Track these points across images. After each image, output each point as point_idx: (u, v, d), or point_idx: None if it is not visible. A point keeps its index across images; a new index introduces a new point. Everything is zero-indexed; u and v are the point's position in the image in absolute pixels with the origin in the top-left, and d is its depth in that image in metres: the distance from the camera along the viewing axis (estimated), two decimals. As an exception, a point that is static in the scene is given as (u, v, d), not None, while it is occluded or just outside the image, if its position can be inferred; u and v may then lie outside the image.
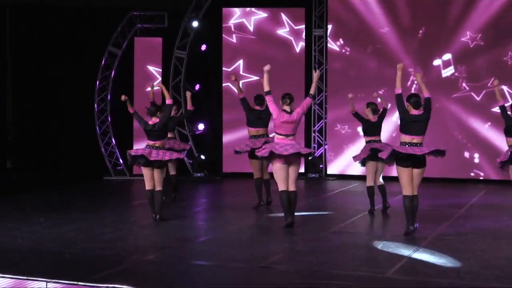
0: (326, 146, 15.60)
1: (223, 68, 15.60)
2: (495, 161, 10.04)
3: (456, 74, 14.72)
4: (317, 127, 15.76)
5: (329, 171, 15.50)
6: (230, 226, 9.26)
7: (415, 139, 8.31)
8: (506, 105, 9.73)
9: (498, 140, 14.31)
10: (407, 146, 8.22)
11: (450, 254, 7.42)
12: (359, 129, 15.18)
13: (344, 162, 15.34)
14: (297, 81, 15.53)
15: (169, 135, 10.78)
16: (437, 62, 14.86)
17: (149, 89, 11.28)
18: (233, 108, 15.51)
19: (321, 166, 15.53)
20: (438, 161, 14.26)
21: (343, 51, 15.43)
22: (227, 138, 15.64)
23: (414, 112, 8.41)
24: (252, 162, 10.67)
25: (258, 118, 10.72)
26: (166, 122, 9.29)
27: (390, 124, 15.06)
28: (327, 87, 15.56)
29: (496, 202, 11.30)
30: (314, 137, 15.71)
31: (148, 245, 8.04)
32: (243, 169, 15.27)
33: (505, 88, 14.23)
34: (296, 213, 8.96)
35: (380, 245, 7.90)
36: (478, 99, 14.52)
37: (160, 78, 15.43)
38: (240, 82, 11.40)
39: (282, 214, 9.43)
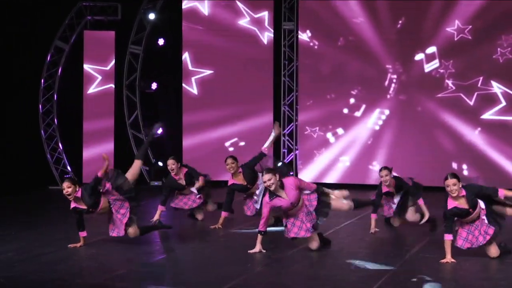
0: (296, 152, 15.53)
1: (191, 68, 15.44)
2: (485, 173, 10.01)
3: (441, 70, 14.63)
4: (287, 130, 15.68)
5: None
6: (189, 243, 9.11)
7: None
8: None
9: (489, 149, 14.30)
10: None
11: (429, 275, 7.35)
12: (339, 131, 15.14)
13: (317, 169, 15.28)
14: (265, 81, 15.44)
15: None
16: (419, 56, 14.77)
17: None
18: (194, 110, 15.39)
19: (291, 173, 15.41)
20: (423, 170, 14.35)
21: (311, 44, 15.35)
22: (187, 142, 15.49)
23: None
24: None
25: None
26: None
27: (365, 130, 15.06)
28: (298, 86, 15.49)
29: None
30: (284, 141, 15.63)
31: (95, 267, 7.85)
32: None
33: (496, 85, 14.23)
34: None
35: (355, 263, 7.81)
36: (468, 100, 14.43)
37: (100, 77, 15.23)
38: None
39: (246, 230, 9.31)
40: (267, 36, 15.43)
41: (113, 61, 15.32)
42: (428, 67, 14.71)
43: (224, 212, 10.26)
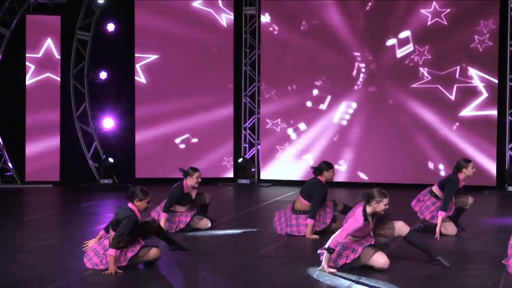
0: (259, 147, 15.44)
1: (136, 55, 15.23)
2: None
3: (415, 57, 14.56)
4: (249, 123, 15.59)
5: (263, 176, 15.35)
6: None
7: None
8: None
9: (467, 147, 14.22)
10: None
11: (397, 284, 7.30)
12: (301, 126, 15.08)
13: (280, 165, 15.20)
14: (224, 70, 15.32)
15: None
16: (391, 42, 14.69)
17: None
18: (148, 102, 15.21)
19: (253, 170, 15.36)
20: (394, 169, 14.34)
21: (271, 29, 15.23)
22: (140, 137, 15.30)
23: None
24: None
25: None
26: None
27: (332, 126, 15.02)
28: (260, 76, 15.38)
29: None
30: (245, 135, 15.54)
31: (34, 278, 7.67)
32: (159, 174, 15.00)
33: (475, 74, 14.20)
34: (219, 231, 8.75)
35: (315, 273, 7.74)
36: (447, 94, 14.33)
37: (43, 66, 14.98)
38: None
39: (203, 233, 9.25)
40: (226, 19, 15.27)
41: (59, 49, 15.03)
42: (400, 52, 14.61)
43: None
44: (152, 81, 15.25)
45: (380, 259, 7.80)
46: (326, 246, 7.70)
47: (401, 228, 7.91)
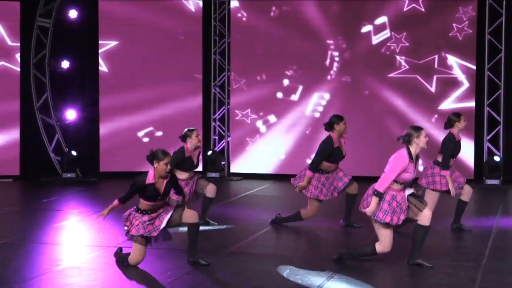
0: (229, 139, 15.33)
1: (100, 42, 15.04)
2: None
3: (392, 46, 14.45)
4: (218, 115, 15.48)
5: (233, 170, 15.25)
6: (102, 246, 8.84)
7: None
8: None
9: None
10: None
11: (371, 282, 7.26)
12: (271, 118, 14.99)
13: (251, 158, 15.12)
14: (193, 59, 15.18)
15: None
16: (366, 28, 14.58)
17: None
18: (113, 92, 15.04)
19: (222, 163, 15.26)
20: (370, 163, 14.25)
21: (239, 15, 15.11)
22: (105, 129, 15.13)
23: None
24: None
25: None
26: None
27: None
28: (229, 65, 15.26)
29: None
30: (215, 126, 15.43)
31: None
32: (125, 167, 14.86)
33: (455, 61, 14.17)
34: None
35: (286, 271, 7.68)
36: (427, 85, 14.26)
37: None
38: None
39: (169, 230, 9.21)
40: (194, 5, 15.12)
41: (17, 36, 14.80)
42: (376, 39, 14.53)
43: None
44: (116, 70, 15.07)
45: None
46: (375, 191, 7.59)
47: (425, 216, 7.75)
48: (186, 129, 9.95)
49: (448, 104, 14.19)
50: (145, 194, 7.67)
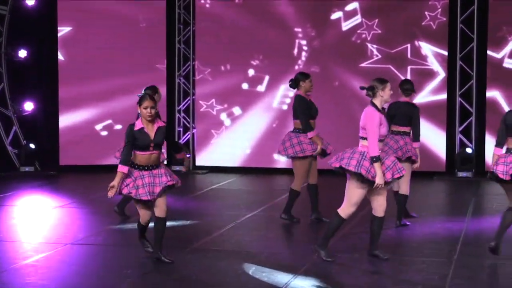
0: (194, 131, 15.24)
1: (59, 30, 14.85)
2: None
3: (363, 34, 14.33)
4: (183, 106, 15.38)
5: (198, 163, 15.17)
6: (60, 244, 8.73)
7: None
8: None
9: (427, 135, 14.15)
10: None
11: (339, 280, 7.25)
12: (235, 111, 14.91)
13: (217, 151, 15.03)
14: (156, 48, 15.04)
15: None
16: (336, 15, 14.48)
17: None
18: (73, 82, 14.85)
19: (188, 156, 15.14)
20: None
21: (202, 1, 14.99)
22: (64, 121, 14.95)
23: None
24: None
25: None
26: None
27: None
28: (195, 55, 15.16)
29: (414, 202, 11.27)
30: (179, 118, 15.33)
31: None
32: (85, 161, 14.72)
33: (429, 49, 14.15)
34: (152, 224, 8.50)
35: (251, 269, 7.63)
36: (398, 74, 14.12)
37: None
38: None
39: (132, 226, 9.10)
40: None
41: (-27, 24, 14.60)
42: (346, 25, 14.43)
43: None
44: (75, 60, 14.83)
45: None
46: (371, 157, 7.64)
47: (380, 207, 7.84)
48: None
49: (423, 97, 14.14)
50: (137, 144, 7.66)
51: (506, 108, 13.40)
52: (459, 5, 14.08)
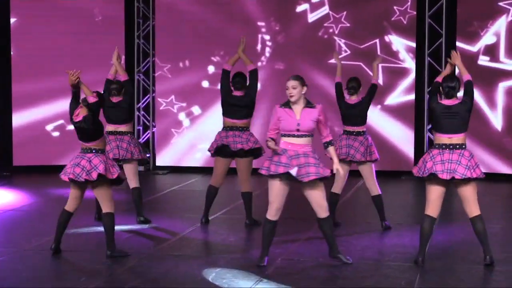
0: (154, 129, 15.13)
1: (12, 22, 14.66)
2: (382, 155, 9.77)
3: (330, 27, 14.26)
4: (142, 103, 15.29)
5: (159, 163, 15.06)
6: (10, 250, 8.59)
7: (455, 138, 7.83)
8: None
9: (383, 129, 14.15)
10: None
11: (303, 285, 7.21)
12: (194, 110, 14.81)
13: (177, 150, 14.93)
14: (114, 42, 14.85)
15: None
16: (302, 7, 14.41)
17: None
18: (26, 80, 14.65)
19: (148, 155, 15.05)
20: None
21: (155, -8, 14.91)
22: (18, 119, 14.76)
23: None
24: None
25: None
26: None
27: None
28: (155, 50, 15.05)
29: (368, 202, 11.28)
30: (139, 116, 15.21)
31: None
32: (40, 161, 14.56)
33: (400, 44, 14.11)
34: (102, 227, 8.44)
35: (211, 275, 7.57)
36: (370, 72, 14.01)
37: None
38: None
39: (85, 230, 8.99)
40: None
41: None
42: (313, 17, 14.39)
43: None
44: (27, 55, 14.66)
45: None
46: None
47: (322, 208, 7.80)
48: None
49: (396, 97, 14.14)
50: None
51: (480, 106, 13.56)
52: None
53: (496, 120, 13.83)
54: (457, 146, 7.70)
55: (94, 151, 8.13)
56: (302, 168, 7.64)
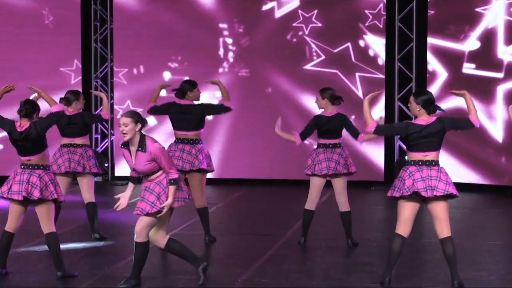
0: (113, 138, 14.95)
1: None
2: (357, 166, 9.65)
3: (299, 27, 14.10)
4: (100, 110, 15.07)
5: (118, 173, 14.88)
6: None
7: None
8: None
9: (351, 138, 14.01)
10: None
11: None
12: (149, 120, 14.55)
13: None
14: (69, 47, 14.70)
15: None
16: (268, 6, 14.21)
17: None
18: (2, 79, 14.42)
19: (106, 165, 14.85)
20: (274, 168, 13.97)
21: (121, -4, 14.74)
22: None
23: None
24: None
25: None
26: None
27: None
28: (113, 55, 14.87)
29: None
30: (97, 124, 15.02)
31: None
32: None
33: (376, 42, 14.03)
34: (62, 246, 8.25)
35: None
36: (348, 83, 14.09)
37: None
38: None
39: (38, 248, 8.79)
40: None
41: None
42: (280, 12, 14.19)
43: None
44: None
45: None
46: None
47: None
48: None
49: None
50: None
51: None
52: (397, 2, 14.04)
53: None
54: (433, 163, 7.59)
55: (42, 167, 7.91)
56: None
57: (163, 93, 10.12)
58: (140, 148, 7.48)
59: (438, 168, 7.54)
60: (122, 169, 14.83)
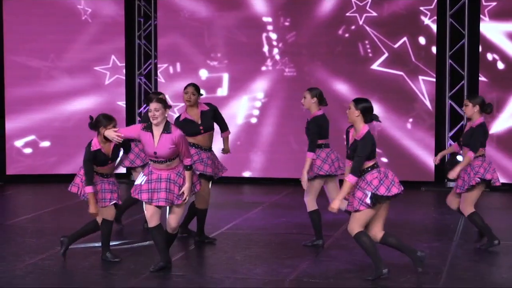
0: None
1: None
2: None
3: (353, 16, 14.15)
4: (144, 108, 15.25)
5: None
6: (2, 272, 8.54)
7: None
8: None
9: (403, 137, 14.01)
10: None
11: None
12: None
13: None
14: (113, 44, 14.91)
15: None
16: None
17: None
18: (20, 82, 14.65)
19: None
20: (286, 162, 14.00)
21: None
22: (11, 126, 14.75)
23: None
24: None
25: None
26: None
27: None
28: (157, 52, 15.06)
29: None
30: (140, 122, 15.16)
31: None
32: (35, 170, 14.56)
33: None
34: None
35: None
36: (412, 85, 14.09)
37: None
38: None
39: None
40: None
41: None
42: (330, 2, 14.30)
43: None
44: (19, 59, 14.64)
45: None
46: None
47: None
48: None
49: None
50: (96, 161, 8.54)
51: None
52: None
53: None
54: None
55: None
56: None
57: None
58: (166, 131, 8.08)
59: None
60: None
